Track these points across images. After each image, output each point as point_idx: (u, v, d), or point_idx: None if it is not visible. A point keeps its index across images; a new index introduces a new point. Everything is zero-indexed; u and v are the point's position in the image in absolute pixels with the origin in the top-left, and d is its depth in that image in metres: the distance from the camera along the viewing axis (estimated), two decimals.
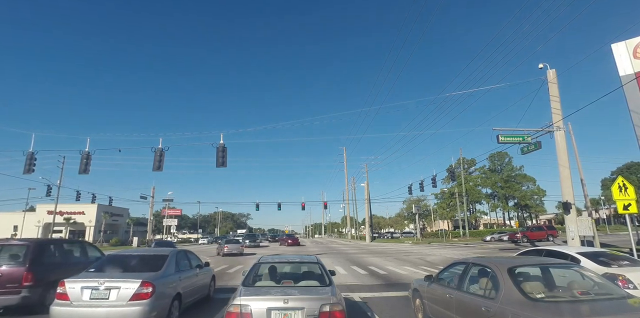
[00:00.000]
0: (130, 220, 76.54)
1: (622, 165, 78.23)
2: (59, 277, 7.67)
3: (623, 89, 18.31)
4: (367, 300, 9.23)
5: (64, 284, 6.31)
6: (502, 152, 69.04)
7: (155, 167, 20.73)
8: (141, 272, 6.77)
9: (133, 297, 6.11)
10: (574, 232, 18.87)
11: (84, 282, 6.31)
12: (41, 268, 8.10)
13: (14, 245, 8.54)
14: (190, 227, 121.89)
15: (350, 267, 18.02)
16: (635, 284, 6.43)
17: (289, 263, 6.80)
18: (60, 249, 9.25)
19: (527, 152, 20.42)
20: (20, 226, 61.11)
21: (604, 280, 4.68)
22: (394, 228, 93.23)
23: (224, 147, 20.62)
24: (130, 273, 6.71)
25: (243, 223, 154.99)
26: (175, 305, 7.01)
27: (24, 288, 7.64)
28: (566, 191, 19.67)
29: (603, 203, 70.58)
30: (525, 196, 71.72)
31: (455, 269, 6.11)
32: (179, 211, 71.53)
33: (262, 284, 5.72)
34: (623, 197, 12.94)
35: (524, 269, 5.08)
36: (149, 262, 7.32)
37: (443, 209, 71.61)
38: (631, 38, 19.22)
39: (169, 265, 7.37)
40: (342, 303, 5.07)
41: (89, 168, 21.43)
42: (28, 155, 21.39)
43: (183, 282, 7.63)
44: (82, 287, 6.20)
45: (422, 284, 6.76)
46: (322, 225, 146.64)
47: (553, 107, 19.99)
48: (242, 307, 4.73)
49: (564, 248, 9.24)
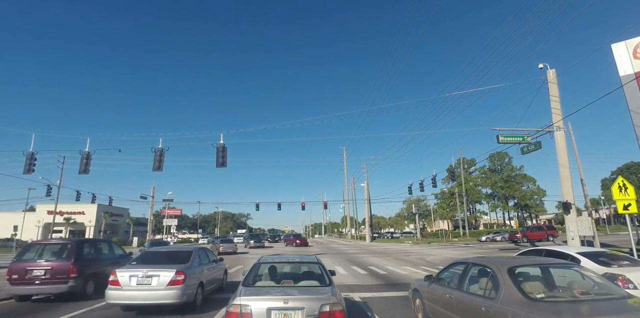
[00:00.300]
0: (130, 220, 76.60)
1: (622, 165, 78.31)
2: (94, 270, 10.20)
3: (623, 89, 18.31)
4: (367, 300, 9.23)
5: (115, 274, 7.79)
6: (502, 152, 69.14)
7: (155, 167, 20.73)
8: (174, 264, 8.21)
9: (169, 283, 7.64)
10: (574, 232, 18.88)
11: (130, 271, 7.81)
12: (82, 262, 9.79)
13: (59, 243, 10.35)
14: (190, 227, 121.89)
15: (350, 267, 18.03)
16: (635, 284, 6.42)
17: (289, 263, 6.80)
18: (94, 247, 11.06)
19: (527, 152, 20.42)
20: (20, 226, 61.08)
21: (604, 280, 4.67)
22: (394, 228, 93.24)
23: (224, 147, 20.62)
24: (166, 265, 8.15)
25: (243, 223, 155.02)
26: (199, 291, 8.43)
27: (71, 279, 9.34)
28: (566, 191, 19.67)
29: (603, 203, 70.62)
30: (525, 196, 71.72)
31: (455, 269, 6.11)
32: (179, 211, 71.47)
33: (262, 284, 5.72)
34: (623, 197, 12.94)
35: (524, 269, 5.07)
36: (178, 256, 8.83)
37: (443, 209, 71.60)
38: (631, 38, 19.22)
39: (194, 259, 8.87)
40: (342, 303, 5.07)
41: (89, 169, 21.43)
42: (28, 155, 21.39)
43: (204, 273, 9.13)
44: (129, 276, 7.71)
45: (422, 284, 6.76)
46: (322, 225, 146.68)
47: (553, 107, 19.99)
48: (242, 307, 4.73)
49: (564, 248, 9.24)
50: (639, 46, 18.85)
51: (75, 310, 8.47)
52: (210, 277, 9.64)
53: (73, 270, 9.38)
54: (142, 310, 8.03)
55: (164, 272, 7.77)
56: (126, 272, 7.82)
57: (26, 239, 61.31)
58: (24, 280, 9.23)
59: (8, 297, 9.96)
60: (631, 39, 19.18)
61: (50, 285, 9.22)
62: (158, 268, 7.90)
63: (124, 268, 8.12)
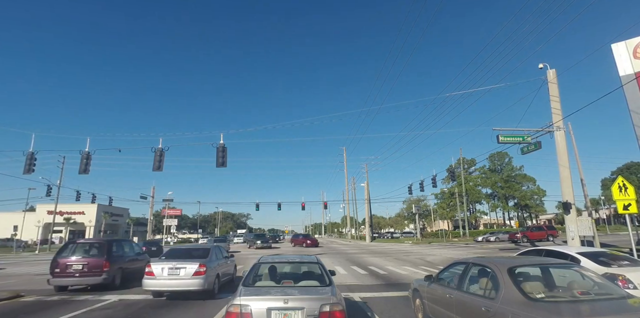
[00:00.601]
0: (130, 220, 76.55)
1: (622, 165, 78.31)
2: (120, 265, 12.03)
3: (623, 89, 18.30)
4: (367, 300, 9.23)
5: (150, 266, 9.54)
6: (502, 152, 69.12)
7: (155, 167, 20.73)
8: (196, 258, 9.89)
9: (194, 274, 9.32)
10: (574, 232, 18.87)
11: (162, 264, 9.51)
12: (112, 259, 11.56)
13: (93, 243, 12.25)
14: (190, 227, 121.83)
15: (350, 267, 18.02)
16: (635, 284, 6.42)
17: (289, 263, 6.80)
18: (120, 246, 12.78)
19: (527, 152, 20.41)
20: (20, 226, 61.05)
21: (604, 280, 4.67)
22: (394, 228, 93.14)
23: (224, 147, 20.61)
24: (190, 259, 9.83)
25: (243, 223, 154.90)
26: (216, 281, 10.17)
27: (104, 273, 11.11)
28: (566, 191, 19.66)
29: (603, 203, 70.56)
30: (525, 196, 71.69)
31: (455, 269, 6.11)
32: (179, 211, 71.34)
33: (262, 284, 5.72)
34: (623, 197, 12.93)
35: (524, 269, 5.07)
36: (199, 252, 10.54)
37: (443, 209, 71.55)
38: (631, 38, 19.21)
39: (212, 255, 10.61)
40: (342, 303, 5.07)
41: (89, 169, 21.43)
42: (28, 155, 21.38)
43: (220, 266, 10.85)
44: (161, 267, 9.42)
45: (422, 284, 6.75)
46: (322, 225, 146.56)
47: (553, 107, 19.98)
48: (242, 307, 4.72)
49: (564, 248, 9.24)
50: (639, 46, 18.85)
51: (76, 310, 8.51)
52: (224, 270, 11.39)
53: (106, 265, 11.20)
54: (171, 296, 9.83)
55: (189, 264, 9.43)
56: (159, 264, 9.51)
57: (26, 239, 61.39)
58: (65, 273, 11.00)
59: (9, 297, 10.09)
60: (631, 39, 19.18)
61: (88, 277, 11.03)
62: (184, 262, 9.57)
63: (155, 262, 9.80)
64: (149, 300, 9.59)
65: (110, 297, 10.13)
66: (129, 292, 10.93)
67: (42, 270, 19.25)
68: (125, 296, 10.24)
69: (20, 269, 20.36)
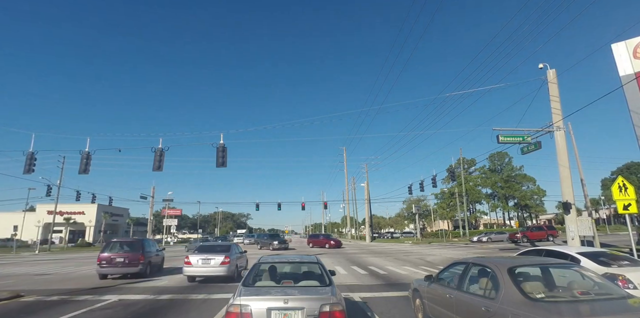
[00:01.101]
0: (130, 220, 76.45)
1: (622, 165, 78.26)
2: (150, 259, 15.00)
3: (623, 89, 18.30)
4: (367, 300, 9.22)
5: (188, 257, 12.94)
6: (502, 152, 69.13)
7: (155, 167, 20.73)
8: (221, 252, 13.31)
9: (221, 263, 12.72)
10: (574, 232, 18.87)
11: (197, 256, 12.92)
12: (145, 253, 14.68)
13: (131, 241, 15.65)
14: (190, 227, 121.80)
15: (350, 267, 18.02)
16: (635, 284, 6.42)
17: (289, 263, 6.79)
18: (149, 244, 15.91)
19: (527, 152, 20.41)
20: (20, 226, 61.04)
21: (604, 280, 4.66)
22: (394, 228, 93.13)
23: (224, 147, 20.61)
24: (217, 252, 13.22)
25: (243, 223, 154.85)
26: (236, 270, 13.60)
27: (140, 264, 14.18)
28: (566, 191, 19.66)
29: (603, 203, 70.57)
30: (525, 196, 71.68)
31: (455, 269, 6.10)
32: (179, 211, 71.39)
33: (262, 284, 5.70)
34: (623, 197, 12.92)
35: (524, 269, 5.06)
36: (223, 248, 13.96)
37: (443, 209, 71.56)
38: (631, 38, 19.21)
39: (232, 250, 14.00)
40: (342, 303, 5.06)
41: (89, 168, 21.42)
42: (28, 155, 21.37)
43: (237, 259, 14.25)
44: (197, 259, 12.80)
45: (422, 284, 6.75)
46: (322, 225, 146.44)
47: (553, 107, 19.98)
48: (242, 307, 4.72)
49: (564, 248, 9.23)
50: (639, 46, 18.85)
51: (76, 310, 8.51)
52: (240, 262, 14.77)
53: (142, 258, 14.29)
54: (203, 280, 13.13)
55: (217, 256, 12.85)
56: (194, 256, 12.90)
57: (26, 239, 61.41)
58: (110, 265, 13.97)
59: (9, 297, 10.10)
60: (631, 39, 19.18)
61: (128, 267, 14.03)
62: (213, 254, 12.96)
63: (192, 254, 13.17)
64: (149, 300, 9.65)
65: (110, 297, 10.20)
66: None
67: (42, 270, 19.26)
68: (126, 296, 10.33)
69: (20, 269, 20.35)
